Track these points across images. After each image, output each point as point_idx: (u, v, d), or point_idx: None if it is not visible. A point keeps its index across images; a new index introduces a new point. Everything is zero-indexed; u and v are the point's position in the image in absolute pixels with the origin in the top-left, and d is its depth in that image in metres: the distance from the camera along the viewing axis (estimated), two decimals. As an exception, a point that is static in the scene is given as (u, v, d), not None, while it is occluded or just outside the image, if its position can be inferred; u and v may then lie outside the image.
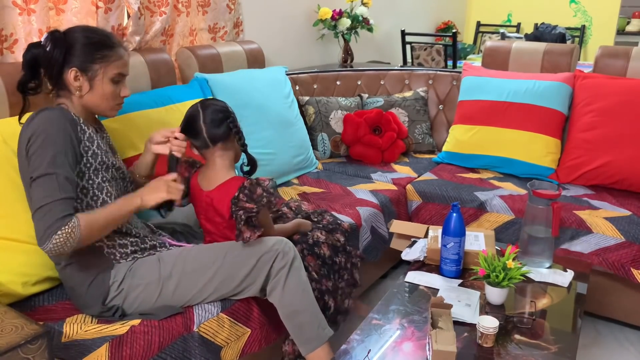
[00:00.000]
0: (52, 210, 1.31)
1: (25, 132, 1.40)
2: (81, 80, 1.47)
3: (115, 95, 1.53)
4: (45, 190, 1.33)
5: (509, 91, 2.60)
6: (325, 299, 1.69)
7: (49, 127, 1.39)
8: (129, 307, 1.50)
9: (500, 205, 2.24)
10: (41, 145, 1.36)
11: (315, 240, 1.78)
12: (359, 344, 1.40)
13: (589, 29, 5.67)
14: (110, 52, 1.49)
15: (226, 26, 2.74)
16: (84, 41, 1.46)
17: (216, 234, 1.67)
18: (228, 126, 1.61)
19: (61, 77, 1.47)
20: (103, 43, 1.48)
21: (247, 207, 1.52)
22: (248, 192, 1.55)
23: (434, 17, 5.49)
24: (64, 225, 1.30)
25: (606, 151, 2.35)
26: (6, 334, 1.07)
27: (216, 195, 1.61)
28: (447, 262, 1.71)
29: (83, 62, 1.45)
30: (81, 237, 1.33)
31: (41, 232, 1.30)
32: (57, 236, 1.29)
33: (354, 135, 2.74)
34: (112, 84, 1.51)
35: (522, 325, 1.48)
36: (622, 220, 2.06)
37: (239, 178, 1.63)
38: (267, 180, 1.61)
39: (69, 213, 1.33)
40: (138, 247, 1.55)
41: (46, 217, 1.30)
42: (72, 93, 1.48)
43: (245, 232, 1.51)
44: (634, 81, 2.42)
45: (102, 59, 1.47)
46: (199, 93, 2.25)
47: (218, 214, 1.62)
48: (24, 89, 1.49)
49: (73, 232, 1.31)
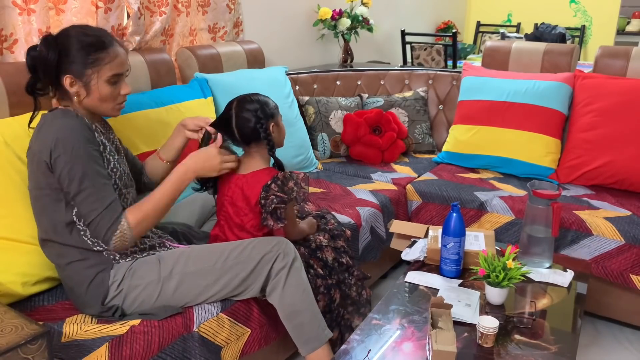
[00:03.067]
0: (100, 222, 1.41)
1: (44, 141, 1.39)
2: (77, 86, 1.44)
3: (114, 96, 1.50)
4: (90, 204, 1.41)
5: (509, 91, 2.60)
6: (331, 294, 1.70)
7: (70, 136, 1.39)
8: (129, 307, 1.50)
9: (500, 206, 2.24)
10: (70, 158, 1.38)
11: (318, 244, 1.78)
12: (359, 344, 1.40)
13: (589, 29, 5.67)
14: (103, 54, 1.44)
15: (226, 26, 2.74)
16: (76, 46, 1.42)
17: (233, 219, 1.68)
18: (258, 131, 1.64)
19: (59, 83, 1.45)
20: (95, 45, 1.44)
21: (277, 195, 1.58)
22: (281, 183, 1.61)
23: (434, 17, 5.49)
24: (115, 232, 1.41)
25: (606, 151, 2.34)
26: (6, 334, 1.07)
27: (249, 179, 1.66)
28: (447, 262, 1.71)
29: (76, 68, 1.43)
30: (134, 234, 1.45)
31: (101, 240, 1.44)
32: (113, 242, 1.42)
33: (354, 135, 2.74)
34: (108, 85, 1.47)
35: (522, 325, 1.48)
36: (622, 221, 2.06)
37: (273, 169, 1.70)
38: (300, 174, 1.64)
39: (117, 217, 1.42)
40: (138, 247, 1.55)
41: (97, 229, 1.42)
42: (71, 98, 1.47)
43: (269, 220, 1.58)
44: (634, 81, 2.42)
45: (94, 63, 1.43)
46: (199, 93, 2.25)
47: (244, 198, 1.65)
48: (33, 90, 1.48)
49: (125, 234, 1.43)
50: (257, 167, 1.68)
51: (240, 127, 1.64)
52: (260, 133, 1.64)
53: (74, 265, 1.48)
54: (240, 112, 1.64)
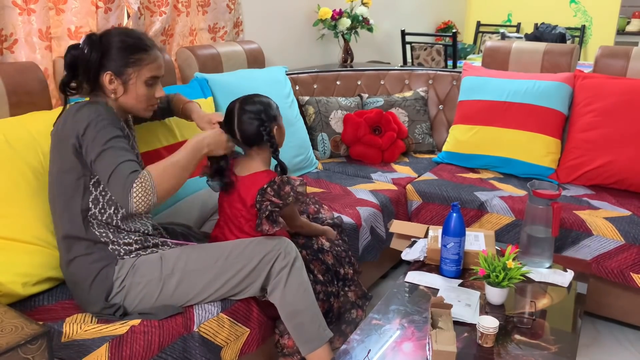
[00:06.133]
0: (119, 172, 1.36)
1: (74, 125, 1.42)
2: (115, 83, 1.50)
3: (149, 97, 1.55)
4: (110, 159, 1.38)
5: (509, 91, 2.60)
6: (331, 301, 1.70)
7: (100, 117, 1.42)
8: (130, 304, 1.50)
9: (500, 206, 2.24)
10: (97, 130, 1.40)
11: (320, 246, 1.78)
12: (359, 344, 1.40)
13: (589, 29, 5.67)
14: (144, 56, 1.51)
15: (226, 26, 2.74)
16: (118, 45, 1.48)
17: (232, 220, 1.69)
18: (261, 133, 1.64)
19: (97, 80, 1.50)
20: (137, 46, 1.50)
21: (272, 201, 1.56)
22: (277, 187, 1.59)
23: (434, 17, 5.49)
24: (135, 179, 1.34)
25: (606, 151, 2.35)
26: (6, 334, 1.07)
27: (245, 182, 1.65)
28: (447, 262, 1.71)
29: (118, 66, 1.48)
30: (156, 186, 1.36)
31: (120, 196, 1.36)
32: (134, 192, 1.34)
33: (354, 135, 2.74)
34: (145, 87, 1.53)
35: (522, 325, 1.48)
36: (622, 221, 2.06)
37: (271, 172, 1.69)
38: (297, 180, 1.63)
39: (134, 169, 1.37)
40: (141, 244, 1.56)
41: (117, 181, 1.36)
42: (107, 95, 1.51)
43: (264, 225, 1.55)
44: (634, 81, 2.42)
45: (136, 63, 1.49)
46: (199, 93, 2.25)
47: (241, 200, 1.65)
48: (65, 88, 1.52)
49: (146, 182, 1.35)
50: (256, 169, 1.68)
51: (242, 130, 1.64)
52: (263, 136, 1.64)
53: (78, 260, 1.49)
54: (243, 115, 1.64)
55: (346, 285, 1.79)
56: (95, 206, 1.49)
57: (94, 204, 1.49)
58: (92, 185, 1.48)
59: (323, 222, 1.94)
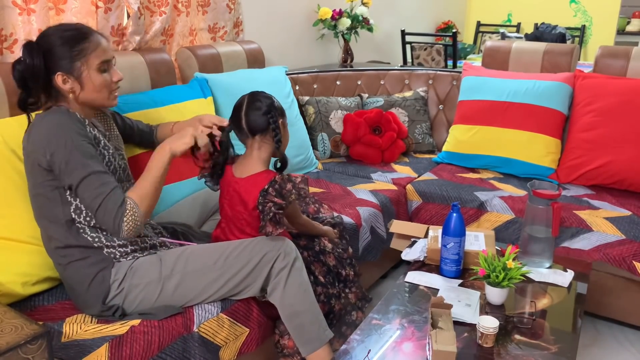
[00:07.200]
0: (107, 206, 1.39)
1: (36, 141, 1.40)
2: (70, 82, 1.45)
3: (107, 84, 1.51)
4: (93, 191, 1.40)
5: (509, 91, 2.60)
6: (332, 303, 1.69)
7: (61, 131, 1.40)
8: (129, 306, 1.50)
9: (500, 205, 2.24)
10: (66, 153, 1.38)
11: (322, 248, 1.78)
12: (359, 344, 1.40)
13: (589, 29, 5.67)
14: (87, 44, 1.45)
15: (226, 26, 2.74)
16: (58, 42, 1.43)
17: (233, 221, 1.69)
18: (268, 121, 1.64)
19: (51, 85, 1.46)
20: (76, 37, 1.45)
21: (275, 201, 1.55)
22: (278, 187, 1.58)
23: (434, 17, 5.49)
24: (125, 212, 1.40)
25: (606, 151, 2.35)
26: (6, 334, 1.07)
27: (245, 184, 1.65)
28: (447, 262, 1.71)
29: (65, 63, 1.43)
30: (142, 211, 1.43)
31: (111, 228, 1.41)
32: (125, 224, 1.40)
33: (354, 135, 2.74)
34: (100, 74, 1.48)
35: (522, 325, 1.48)
36: (622, 220, 2.06)
37: (270, 172, 1.68)
38: (298, 177, 1.62)
39: (122, 199, 1.41)
40: (138, 246, 1.55)
41: (106, 214, 1.40)
42: (67, 97, 1.48)
43: (268, 227, 1.54)
44: (634, 81, 2.42)
45: (81, 54, 1.45)
46: (199, 93, 2.25)
47: (242, 203, 1.64)
48: (25, 105, 1.48)
49: (135, 212, 1.41)
50: (255, 169, 1.67)
51: (249, 115, 1.64)
52: (269, 124, 1.64)
53: (75, 264, 1.48)
54: (253, 102, 1.66)
55: (347, 286, 1.80)
56: (79, 215, 1.47)
57: (76, 214, 1.47)
58: (69, 195, 1.45)
59: (323, 221, 1.94)
